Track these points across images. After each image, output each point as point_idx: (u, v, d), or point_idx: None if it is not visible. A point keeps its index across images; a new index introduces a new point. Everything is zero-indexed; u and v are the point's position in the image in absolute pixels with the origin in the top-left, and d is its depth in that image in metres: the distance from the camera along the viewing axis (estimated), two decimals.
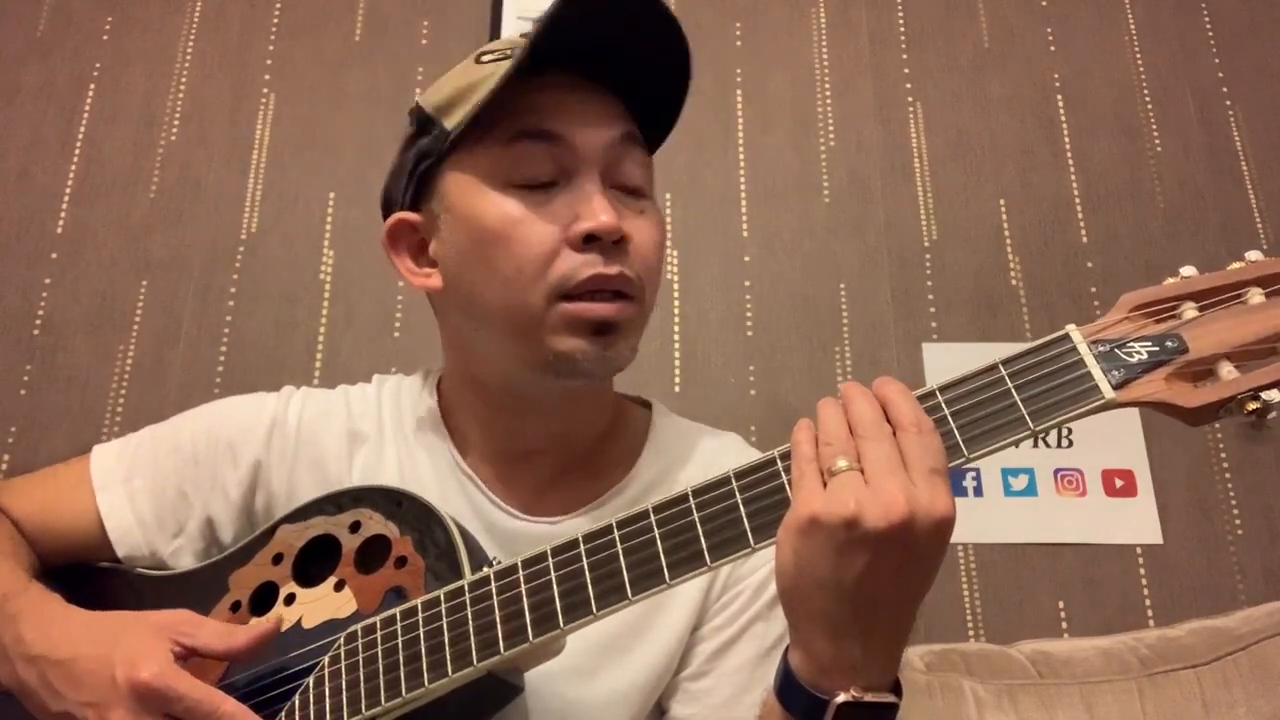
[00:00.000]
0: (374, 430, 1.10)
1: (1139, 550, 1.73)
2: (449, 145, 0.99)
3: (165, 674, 0.82)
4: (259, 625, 0.90)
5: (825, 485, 0.72)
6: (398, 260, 1.06)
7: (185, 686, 0.82)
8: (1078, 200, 1.96)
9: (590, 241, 0.95)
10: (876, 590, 0.71)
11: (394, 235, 1.05)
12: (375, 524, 0.93)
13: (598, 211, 0.94)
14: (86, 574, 1.06)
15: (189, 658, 0.86)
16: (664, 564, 0.78)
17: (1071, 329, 0.75)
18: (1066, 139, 2.00)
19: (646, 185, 1.02)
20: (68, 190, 1.94)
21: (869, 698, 0.74)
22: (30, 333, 1.84)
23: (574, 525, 1.02)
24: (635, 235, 0.98)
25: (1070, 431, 1.79)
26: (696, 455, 1.11)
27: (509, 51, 0.98)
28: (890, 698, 0.75)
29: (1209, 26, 2.09)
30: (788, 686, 0.77)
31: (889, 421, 0.74)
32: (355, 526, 0.94)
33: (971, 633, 1.69)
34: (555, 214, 0.96)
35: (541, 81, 0.97)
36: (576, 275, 0.94)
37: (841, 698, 0.73)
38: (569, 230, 0.95)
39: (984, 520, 1.75)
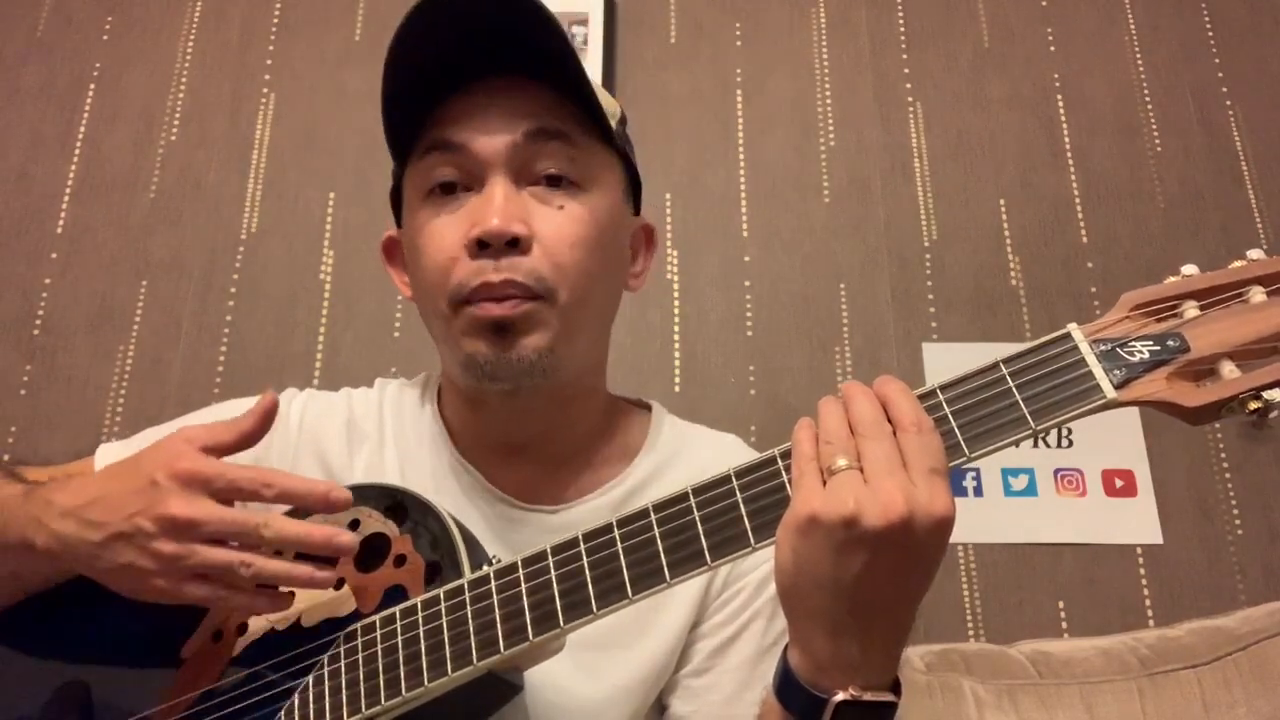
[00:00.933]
0: (375, 430, 1.11)
1: (1139, 550, 1.73)
2: (401, 166, 1.05)
3: (200, 460, 0.83)
4: (258, 403, 0.89)
5: (825, 484, 0.72)
6: (393, 271, 1.13)
7: (223, 466, 0.83)
8: (1078, 200, 1.96)
9: (484, 247, 0.95)
10: (875, 589, 0.72)
11: (388, 250, 1.13)
12: (374, 522, 0.93)
13: (489, 216, 0.95)
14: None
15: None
16: (664, 563, 0.78)
17: (1073, 328, 0.75)
18: (1066, 139, 2.00)
19: (576, 175, 1.00)
20: (68, 190, 1.94)
21: (868, 696, 0.74)
22: (30, 333, 1.84)
23: (572, 515, 1.04)
24: (545, 232, 0.97)
25: (1070, 431, 1.79)
26: (695, 453, 1.11)
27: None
28: (889, 696, 0.76)
29: (1209, 26, 2.09)
30: (786, 685, 0.77)
31: (890, 421, 0.74)
32: (354, 525, 0.94)
33: (971, 633, 1.69)
34: (459, 221, 0.97)
35: (459, 91, 0.99)
36: (469, 283, 0.95)
37: (840, 696, 0.74)
38: (465, 236, 0.96)
39: (984, 520, 1.75)
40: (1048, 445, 1.79)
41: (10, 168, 1.95)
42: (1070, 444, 1.79)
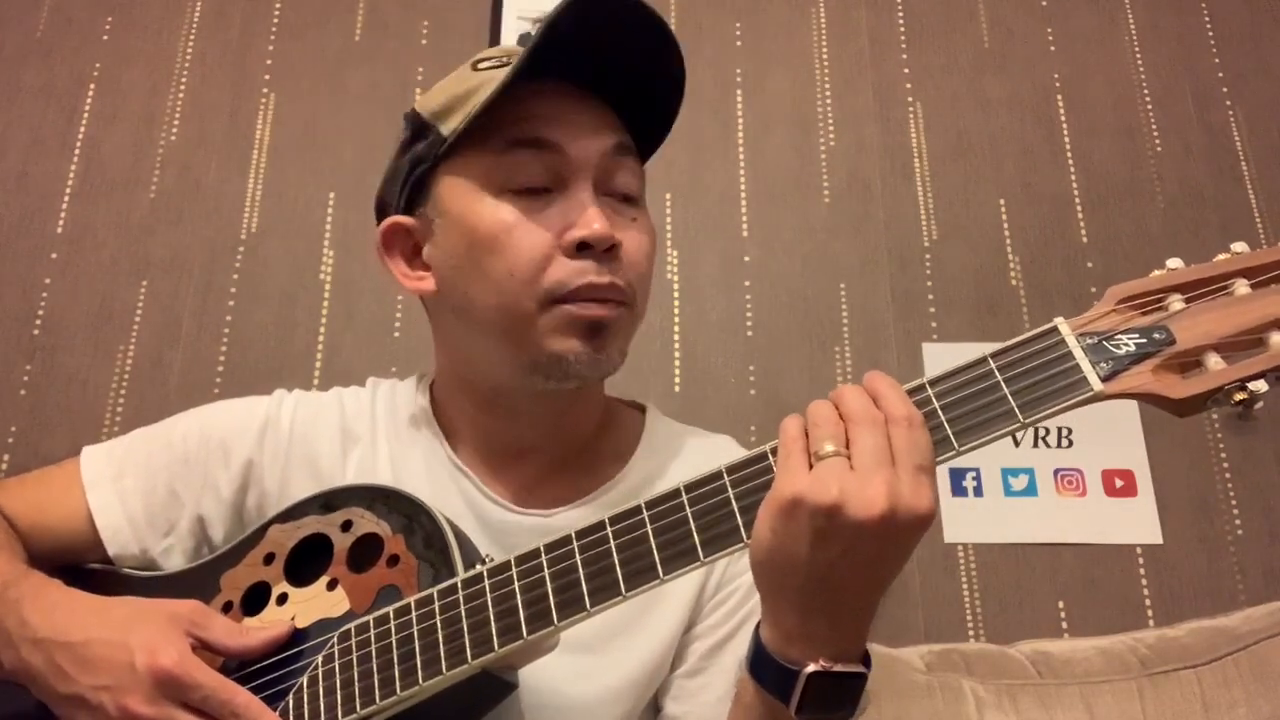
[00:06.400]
0: (368, 430, 1.10)
1: (1139, 550, 1.73)
2: (445, 150, 1.00)
3: (185, 663, 0.83)
4: (273, 627, 0.91)
5: (811, 468, 0.73)
6: (391, 263, 1.07)
7: (204, 676, 0.83)
8: (1078, 200, 1.96)
9: (583, 249, 0.96)
10: (848, 576, 0.73)
11: (388, 239, 1.07)
12: (367, 523, 0.93)
13: (592, 220, 0.95)
14: (77, 575, 1.05)
15: (198, 650, 0.87)
16: (657, 559, 0.78)
17: (1060, 321, 0.76)
18: (1066, 139, 2.00)
19: (639, 194, 1.04)
20: (68, 190, 1.94)
21: (838, 667, 0.76)
22: (30, 333, 1.84)
23: (566, 519, 1.04)
24: (627, 244, 0.99)
25: (1070, 431, 1.79)
26: (689, 454, 1.12)
27: (505, 59, 1.00)
28: (859, 667, 0.77)
29: (1209, 26, 2.08)
30: (758, 659, 0.79)
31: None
32: (347, 525, 0.94)
33: (971, 633, 1.69)
34: (549, 221, 0.97)
35: (538, 89, 0.98)
36: (570, 283, 0.96)
37: (811, 667, 0.75)
38: (563, 237, 0.96)
39: (984, 520, 1.75)
40: (1048, 445, 1.79)
41: (10, 168, 1.95)
42: (1070, 444, 1.79)
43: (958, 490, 1.76)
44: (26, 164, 1.95)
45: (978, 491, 1.77)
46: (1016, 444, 1.78)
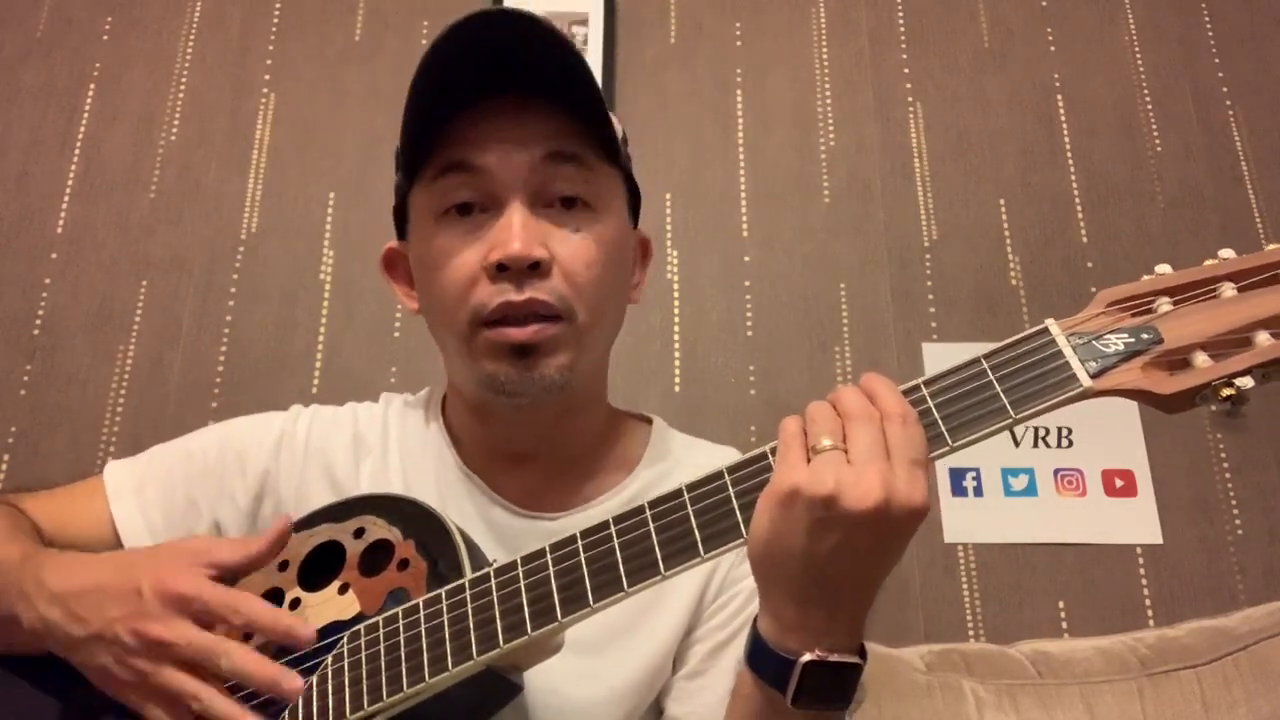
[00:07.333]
0: (379, 440, 1.13)
1: (1139, 550, 1.73)
2: (408, 182, 1.05)
3: (190, 579, 0.87)
4: (272, 528, 0.93)
5: (809, 461, 0.74)
6: (394, 284, 1.14)
7: (210, 588, 0.86)
8: (1078, 200, 1.96)
9: (503, 270, 0.96)
10: (844, 566, 0.75)
11: (389, 262, 1.14)
12: (379, 529, 0.95)
13: (510, 241, 0.96)
14: None
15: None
16: (659, 556, 0.79)
17: (1050, 323, 0.78)
18: (1066, 139, 2.01)
19: (589, 196, 1.02)
20: (68, 190, 1.94)
21: (833, 657, 0.77)
22: (30, 333, 1.84)
23: (572, 522, 1.05)
24: (563, 255, 0.99)
25: (1070, 431, 1.79)
26: (693, 463, 1.13)
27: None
28: (854, 658, 0.79)
29: (1209, 26, 2.09)
30: (757, 651, 0.81)
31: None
32: (359, 532, 0.95)
33: (971, 633, 1.69)
34: (478, 243, 0.99)
35: (472, 112, 1.00)
36: (489, 303, 0.97)
37: (807, 657, 0.77)
38: (485, 260, 0.97)
39: (984, 520, 1.75)
40: (1048, 445, 1.79)
41: (10, 168, 1.95)
42: (1070, 444, 1.79)
43: (958, 490, 1.77)
44: (26, 164, 1.95)
45: (978, 491, 1.77)
46: (1017, 444, 1.79)
